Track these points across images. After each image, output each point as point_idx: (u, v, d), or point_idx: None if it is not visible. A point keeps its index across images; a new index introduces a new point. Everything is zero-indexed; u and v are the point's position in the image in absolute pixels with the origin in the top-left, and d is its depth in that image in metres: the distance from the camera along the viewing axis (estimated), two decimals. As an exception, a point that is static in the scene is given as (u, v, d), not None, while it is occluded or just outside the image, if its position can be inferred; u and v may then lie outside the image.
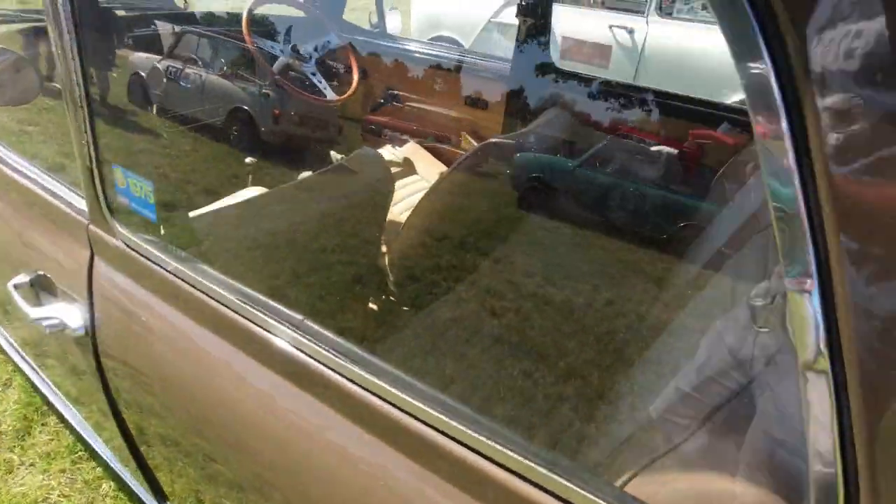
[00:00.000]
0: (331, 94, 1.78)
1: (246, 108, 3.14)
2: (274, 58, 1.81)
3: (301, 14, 2.14)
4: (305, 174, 1.96)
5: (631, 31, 3.66)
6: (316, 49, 1.82)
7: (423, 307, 1.22)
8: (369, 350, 0.64)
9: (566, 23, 4.01)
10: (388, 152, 2.01)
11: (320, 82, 1.78)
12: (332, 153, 2.06)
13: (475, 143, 2.07)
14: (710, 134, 1.55)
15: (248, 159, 1.86)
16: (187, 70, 3.07)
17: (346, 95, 1.81)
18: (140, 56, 3.22)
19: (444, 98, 2.01)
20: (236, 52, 3.28)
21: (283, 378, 0.69)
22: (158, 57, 3.19)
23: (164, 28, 3.01)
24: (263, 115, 3.13)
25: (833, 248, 0.30)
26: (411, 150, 2.04)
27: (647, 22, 3.62)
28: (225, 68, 3.24)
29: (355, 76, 1.89)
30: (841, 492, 0.34)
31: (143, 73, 3.29)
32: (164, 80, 3.08)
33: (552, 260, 1.37)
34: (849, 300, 0.30)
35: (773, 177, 0.32)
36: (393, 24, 2.28)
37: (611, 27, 3.73)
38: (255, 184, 1.70)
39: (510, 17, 4.22)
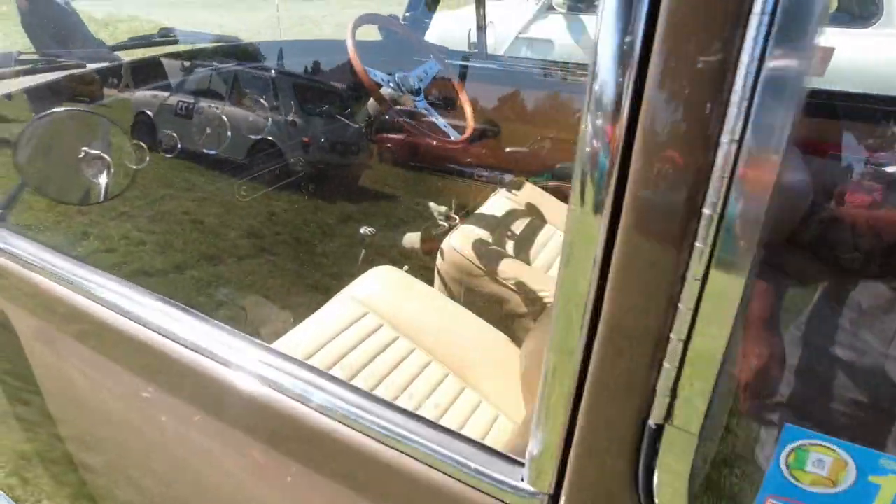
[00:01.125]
0: (454, 135, 1.40)
1: (270, 139, 2.82)
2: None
3: (376, 37, 1.77)
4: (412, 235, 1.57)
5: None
6: (420, 79, 1.44)
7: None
8: None
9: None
10: (504, 198, 1.64)
11: (437, 119, 1.40)
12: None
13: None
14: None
15: (365, 229, 1.45)
16: (201, 104, 2.79)
17: (467, 135, 1.44)
18: (145, 94, 2.93)
19: (574, 127, 1.66)
20: (259, 82, 2.95)
21: None
22: (166, 94, 2.92)
23: (172, 64, 2.68)
24: (292, 145, 2.82)
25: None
26: (531, 192, 1.67)
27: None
28: (247, 99, 2.95)
29: (467, 109, 1.51)
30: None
31: (149, 112, 2.98)
32: (174, 116, 2.80)
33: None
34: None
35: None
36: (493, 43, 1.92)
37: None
38: (373, 258, 1.30)
39: (538, 31, 3.93)
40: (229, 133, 2.76)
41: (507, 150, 1.73)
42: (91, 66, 1.60)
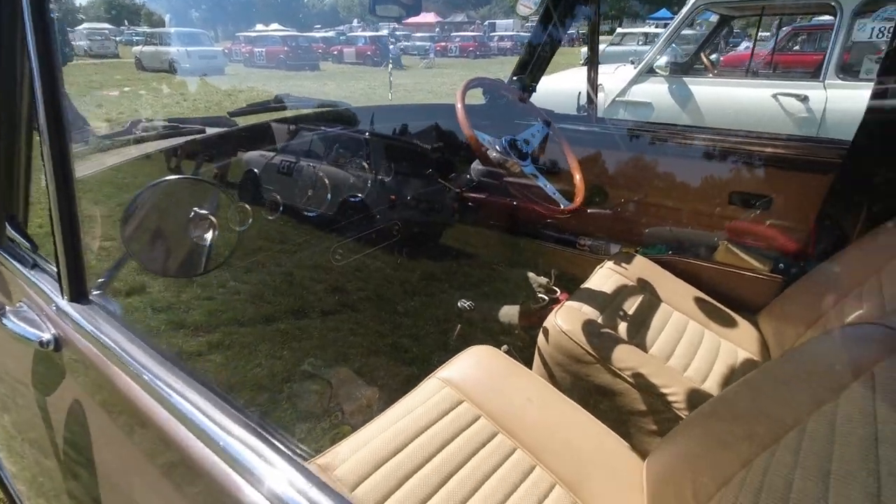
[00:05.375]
0: (563, 202, 1.29)
1: (360, 195, 2.92)
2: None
3: (479, 100, 1.73)
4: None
5: (804, 99, 3.12)
6: (527, 142, 1.36)
7: None
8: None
9: (708, 95, 3.54)
10: (612, 271, 1.47)
11: (545, 185, 1.30)
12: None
13: (741, 255, 1.51)
14: None
15: (462, 303, 1.33)
16: (301, 163, 2.97)
17: (576, 203, 1.32)
18: (254, 154, 3.16)
19: (691, 193, 1.49)
20: (353, 143, 3.09)
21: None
22: (272, 154, 3.12)
23: (280, 127, 2.91)
24: (378, 201, 2.90)
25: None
26: (643, 266, 1.49)
27: (824, 87, 3.08)
28: (341, 158, 3.09)
29: (577, 176, 1.40)
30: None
31: (256, 170, 3.21)
32: (276, 174, 2.99)
33: None
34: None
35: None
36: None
37: (775, 96, 3.21)
38: (467, 329, 1.18)
39: (638, 94, 3.80)
40: (324, 190, 2.92)
41: (618, 217, 1.58)
42: (210, 131, 1.70)
